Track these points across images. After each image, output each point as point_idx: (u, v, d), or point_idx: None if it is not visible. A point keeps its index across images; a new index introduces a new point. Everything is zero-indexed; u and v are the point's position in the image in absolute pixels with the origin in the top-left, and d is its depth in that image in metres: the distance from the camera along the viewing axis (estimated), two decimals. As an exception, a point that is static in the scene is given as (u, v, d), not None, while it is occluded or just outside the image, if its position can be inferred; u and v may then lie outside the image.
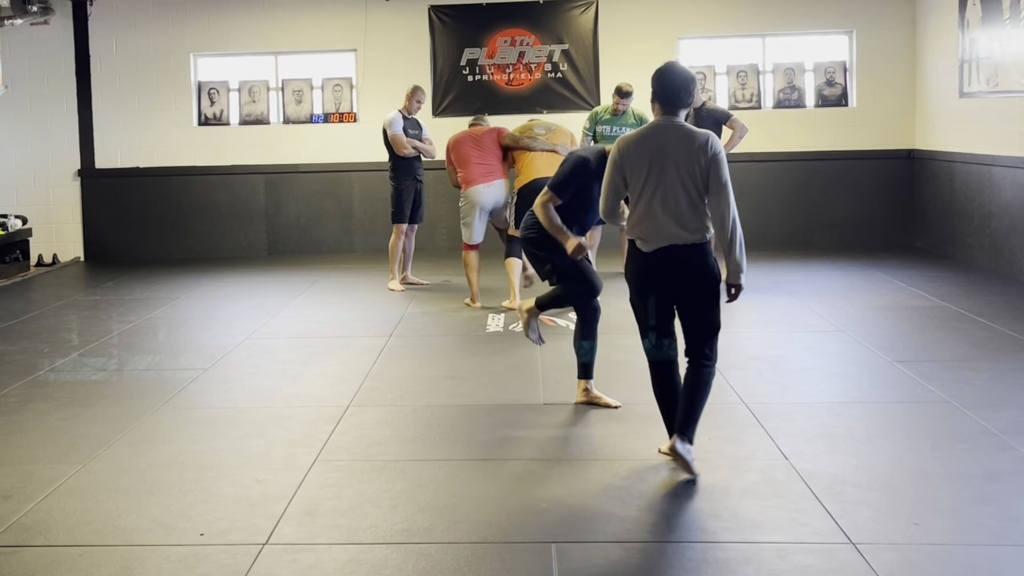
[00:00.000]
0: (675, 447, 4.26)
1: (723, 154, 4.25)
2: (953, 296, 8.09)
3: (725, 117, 9.17)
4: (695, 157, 4.23)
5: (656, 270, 4.33)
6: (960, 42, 9.84)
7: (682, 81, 4.33)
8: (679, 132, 4.30)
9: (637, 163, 4.34)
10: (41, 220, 11.54)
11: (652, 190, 4.29)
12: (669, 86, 4.33)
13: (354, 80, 11.61)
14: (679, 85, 4.32)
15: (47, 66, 11.56)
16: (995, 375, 5.77)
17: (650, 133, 4.35)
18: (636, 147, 4.35)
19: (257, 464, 4.57)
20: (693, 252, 4.28)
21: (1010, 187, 9.02)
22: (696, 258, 4.28)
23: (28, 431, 5.14)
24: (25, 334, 7.52)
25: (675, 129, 4.32)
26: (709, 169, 4.22)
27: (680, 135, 4.29)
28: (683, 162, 4.24)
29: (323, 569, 3.51)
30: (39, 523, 3.94)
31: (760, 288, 8.72)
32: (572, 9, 11.38)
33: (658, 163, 4.28)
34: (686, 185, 4.24)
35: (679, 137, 4.28)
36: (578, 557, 3.57)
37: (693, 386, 4.34)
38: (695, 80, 4.39)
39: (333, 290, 9.19)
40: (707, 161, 4.22)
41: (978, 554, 3.53)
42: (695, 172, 4.23)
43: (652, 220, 4.29)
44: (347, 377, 6.07)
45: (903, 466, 4.39)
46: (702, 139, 4.26)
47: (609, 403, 5.27)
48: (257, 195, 11.63)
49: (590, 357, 5.33)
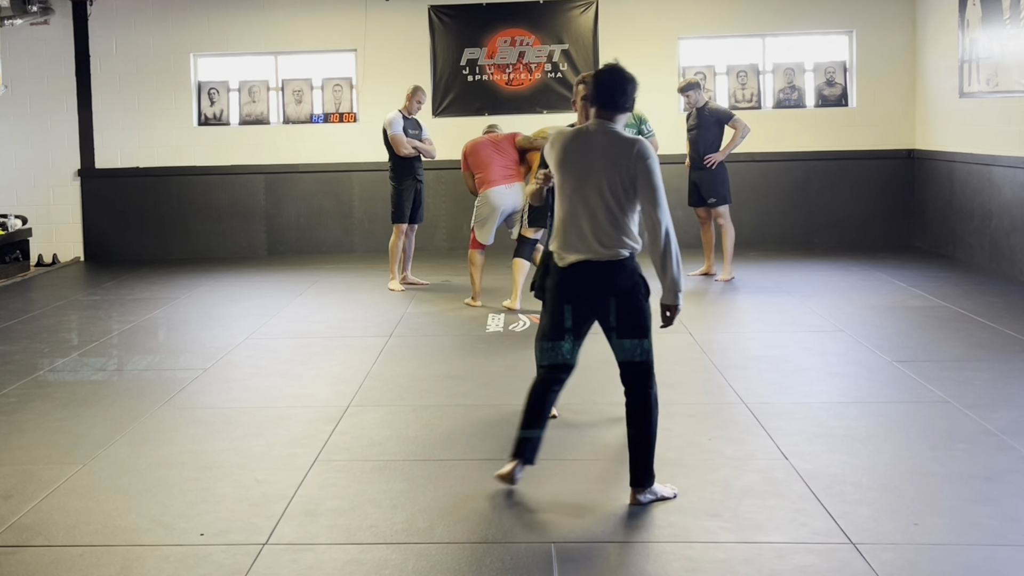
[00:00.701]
0: (637, 499, 3.98)
1: (654, 162, 3.90)
2: (953, 296, 8.09)
3: (727, 117, 9.18)
4: (622, 165, 3.90)
5: (569, 288, 4.02)
6: (960, 42, 9.84)
7: (617, 82, 3.99)
8: (609, 137, 3.97)
9: (562, 163, 4.05)
10: (41, 220, 11.54)
11: (569, 197, 4.00)
12: (601, 86, 4.02)
13: (354, 80, 11.61)
14: (613, 85, 3.99)
15: (47, 66, 11.56)
16: (995, 375, 5.77)
17: (579, 135, 4.04)
18: (564, 146, 4.06)
19: (257, 464, 4.57)
20: (609, 270, 3.95)
21: (1010, 187, 9.02)
22: (613, 277, 3.95)
23: (28, 431, 5.14)
24: (25, 334, 7.52)
25: (605, 134, 3.98)
26: (638, 178, 3.88)
27: (609, 140, 3.96)
28: (607, 169, 3.92)
29: (323, 569, 3.51)
30: (39, 523, 3.94)
31: (760, 288, 8.72)
32: (572, 9, 11.38)
33: (581, 168, 3.97)
34: (605, 195, 3.92)
35: (607, 143, 3.96)
36: (578, 557, 3.57)
37: (634, 418, 4.04)
38: (635, 82, 4.03)
39: (333, 290, 9.19)
40: (636, 169, 3.88)
41: (978, 554, 3.53)
42: (620, 182, 3.90)
43: (565, 230, 4.01)
44: (347, 377, 6.07)
45: (903, 466, 4.39)
46: (632, 146, 3.92)
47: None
48: (257, 195, 11.63)
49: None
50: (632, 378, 4.06)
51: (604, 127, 4.02)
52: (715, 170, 9.17)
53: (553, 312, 4.10)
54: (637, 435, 4.03)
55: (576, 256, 3.98)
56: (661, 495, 4.04)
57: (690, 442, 4.76)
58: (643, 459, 4.02)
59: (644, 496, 4.01)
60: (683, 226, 10.92)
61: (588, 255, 3.96)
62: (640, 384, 4.05)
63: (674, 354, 6.49)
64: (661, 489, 4.06)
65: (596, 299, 4.02)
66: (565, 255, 4.02)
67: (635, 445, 4.04)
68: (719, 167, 9.19)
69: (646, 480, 4.02)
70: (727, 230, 9.17)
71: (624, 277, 3.97)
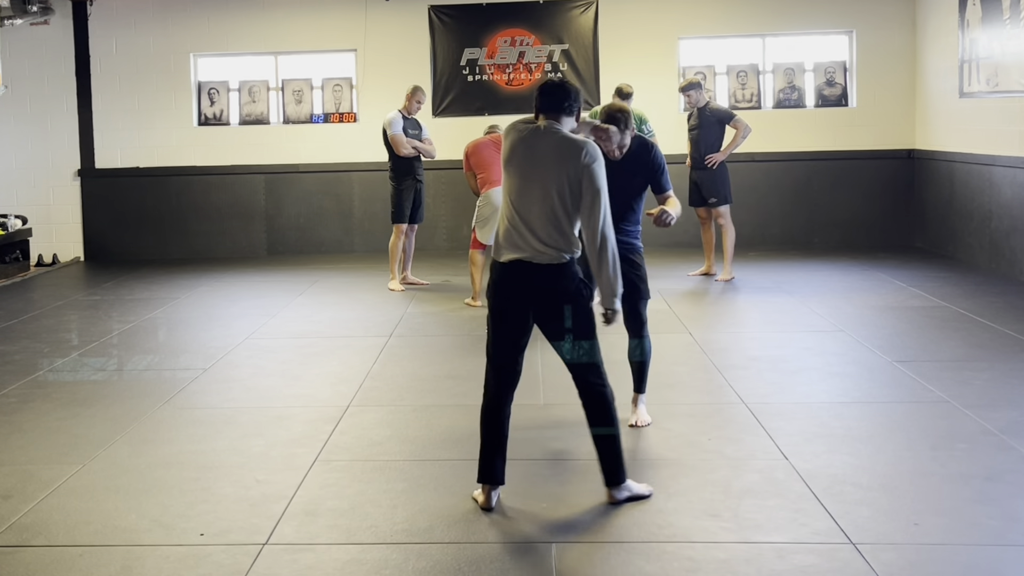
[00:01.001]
0: (614, 497, 4.00)
1: (599, 164, 3.89)
2: (953, 296, 8.08)
3: (728, 117, 9.18)
4: (567, 165, 3.88)
5: (509, 286, 3.99)
6: (960, 42, 9.84)
7: (559, 87, 4.04)
8: (556, 138, 3.96)
9: (510, 159, 4.03)
10: (41, 220, 11.54)
11: (514, 192, 3.98)
12: (544, 92, 4.04)
13: (354, 80, 11.61)
14: (555, 89, 4.03)
15: (47, 66, 11.56)
16: (995, 375, 5.77)
17: (531, 133, 4.01)
18: (513, 142, 4.04)
19: (257, 464, 4.57)
20: (548, 273, 3.91)
21: (1010, 187, 9.02)
22: (554, 281, 3.93)
23: (28, 431, 5.14)
24: (25, 334, 7.52)
25: (553, 135, 3.97)
26: (582, 179, 3.86)
27: (559, 141, 3.94)
28: (555, 170, 3.89)
29: (323, 569, 3.51)
30: (39, 523, 3.94)
31: (760, 288, 8.72)
32: (572, 9, 11.38)
33: (528, 166, 3.95)
34: (551, 196, 3.89)
35: (557, 144, 3.94)
36: (578, 557, 3.57)
37: (594, 418, 4.04)
38: (578, 92, 4.08)
39: (333, 290, 9.19)
40: (580, 170, 3.86)
41: (978, 554, 3.53)
42: (564, 182, 3.87)
43: (508, 228, 3.98)
44: (347, 377, 6.07)
45: (903, 466, 4.39)
46: (578, 147, 3.90)
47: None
48: (257, 195, 11.63)
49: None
50: (584, 380, 4.05)
51: (554, 128, 4.00)
52: (716, 170, 9.17)
53: (492, 313, 4.08)
54: (600, 435, 4.06)
55: (515, 255, 3.96)
56: (637, 493, 4.05)
57: (690, 442, 4.76)
58: (611, 457, 4.04)
59: (620, 493, 4.03)
60: (683, 226, 10.92)
61: (527, 255, 3.94)
62: (593, 384, 4.05)
63: (674, 354, 6.49)
64: (636, 487, 4.08)
65: (537, 303, 3.99)
66: (505, 252, 3.99)
67: (600, 445, 4.06)
68: (720, 167, 9.19)
69: (618, 477, 4.04)
70: (727, 230, 9.17)
71: (566, 281, 3.95)
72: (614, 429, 4.05)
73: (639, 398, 5.13)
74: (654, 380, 5.87)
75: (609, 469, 4.04)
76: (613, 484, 4.03)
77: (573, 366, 4.05)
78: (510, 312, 4.02)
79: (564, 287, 3.94)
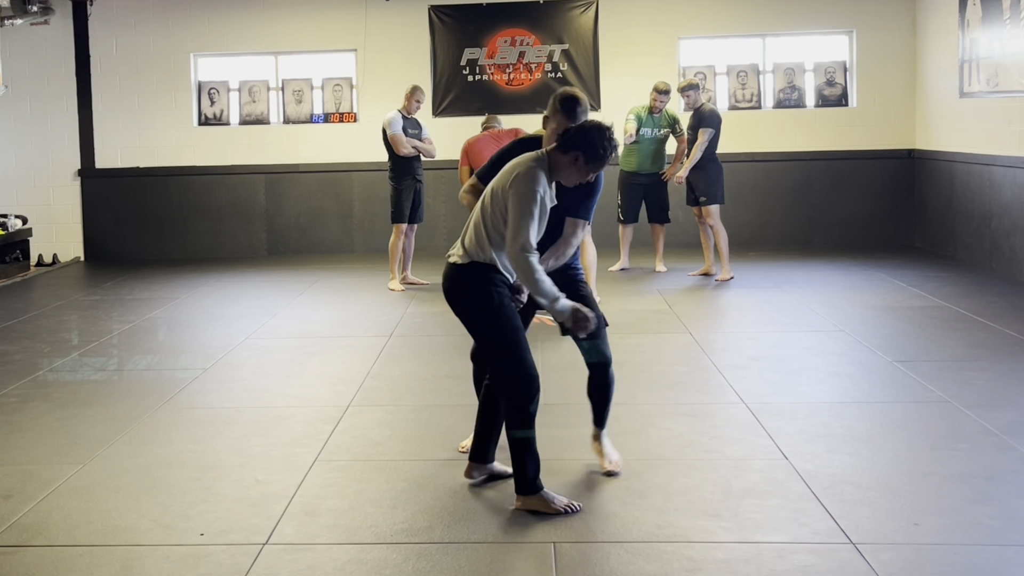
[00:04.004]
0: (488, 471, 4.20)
1: (525, 188, 3.84)
2: (953, 296, 8.08)
3: (697, 124, 9.15)
4: (505, 180, 3.93)
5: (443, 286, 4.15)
6: (960, 42, 9.84)
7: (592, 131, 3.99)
8: (524, 151, 4.11)
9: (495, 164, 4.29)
10: (41, 220, 11.54)
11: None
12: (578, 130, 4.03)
13: (354, 80, 11.61)
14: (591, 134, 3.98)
15: (47, 66, 11.56)
16: (995, 375, 5.77)
17: (522, 144, 4.28)
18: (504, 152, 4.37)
19: (257, 464, 4.57)
20: (451, 271, 4.02)
21: (1010, 187, 9.02)
22: (451, 278, 4.02)
23: (28, 431, 5.14)
24: (25, 334, 7.52)
25: (526, 147, 4.19)
26: (509, 199, 3.88)
27: (518, 158, 4.03)
28: (498, 182, 3.97)
29: (323, 569, 3.51)
30: (39, 523, 3.94)
31: (760, 288, 8.72)
32: (572, 9, 11.38)
33: (496, 172, 4.11)
34: (485, 204, 3.96)
35: (516, 160, 4.03)
36: (578, 557, 3.57)
37: (481, 408, 4.24)
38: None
39: (333, 290, 9.19)
40: (509, 191, 3.88)
41: (978, 554, 3.53)
42: (503, 197, 3.91)
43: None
44: (347, 377, 6.08)
45: (903, 466, 4.39)
46: (514, 168, 3.94)
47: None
48: (257, 195, 11.63)
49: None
50: (489, 371, 4.12)
51: (535, 141, 4.24)
52: (708, 169, 9.16)
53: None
54: (485, 424, 4.21)
55: (450, 255, 4.08)
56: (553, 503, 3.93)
57: (690, 442, 4.76)
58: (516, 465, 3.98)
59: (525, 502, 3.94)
60: (683, 226, 10.95)
61: (454, 257, 4.04)
62: (494, 378, 4.07)
63: (674, 354, 6.50)
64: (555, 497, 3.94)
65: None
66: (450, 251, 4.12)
67: (483, 426, 4.21)
68: (713, 166, 9.18)
69: (520, 486, 3.96)
70: (718, 231, 9.17)
71: (458, 283, 4.00)
72: (494, 425, 4.13)
73: (600, 433, 4.47)
74: (654, 380, 5.88)
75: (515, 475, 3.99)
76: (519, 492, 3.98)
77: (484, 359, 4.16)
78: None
79: (455, 284, 4.01)
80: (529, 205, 3.84)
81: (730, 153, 9.28)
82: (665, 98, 9.43)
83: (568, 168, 3.95)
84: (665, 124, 9.51)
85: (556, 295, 3.87)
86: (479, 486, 4.24)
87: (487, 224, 3.94)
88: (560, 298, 3.88)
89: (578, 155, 3.92)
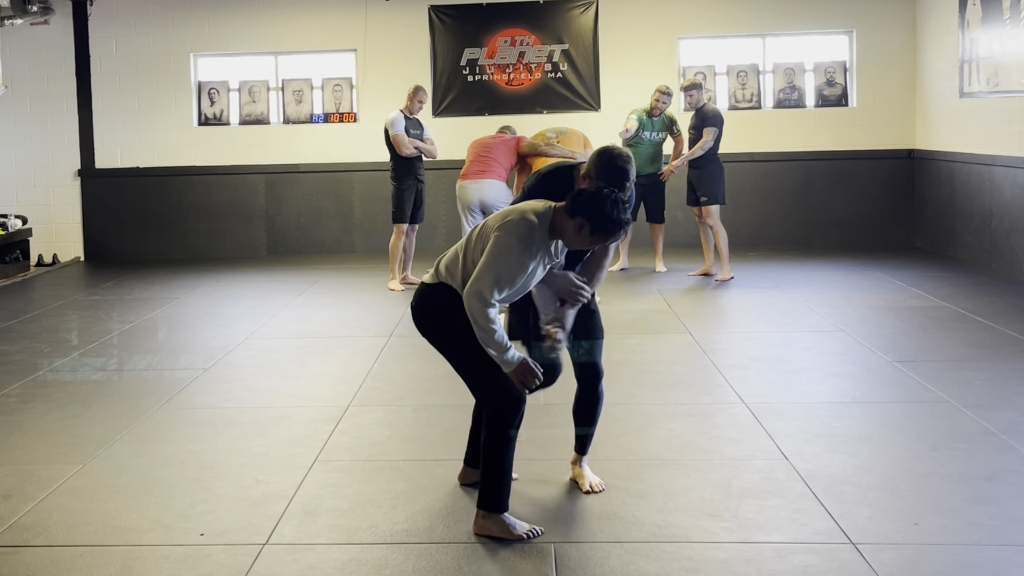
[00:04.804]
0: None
1: (505, 241, 3.61)
2: (953, 296, 8.08)
3: (701, 124, 9.18)
4: (498, 219, 3.72)
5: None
6: (960, 42, 9.84)
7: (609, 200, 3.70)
8: (557, 181, 4.11)
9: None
10: (41, 220, 11.54)
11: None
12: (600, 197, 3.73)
13: (354, 80, 11.61)
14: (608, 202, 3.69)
15: (47, 66, 11.56)
16: (995, 375, 5.77)
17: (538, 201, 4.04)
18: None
19: (257, 464, 4.57)
20: (420, 289, 3.89)
21: (1010, 187, 9.02)
22: (418, 296, 3.88)
23: (28, 431, 5.14)
24: (25, 334, 7.52)
25: (559, 178, 4.16)
26: (488, 239, 3.68)
27: (536, 198, 3.90)
28: (495, 217, 3.78)
29: (323, 569, 3.51)
30: (39, 523, 3.94)
31: (760, 288, 8.72)
32: (572, 9, 11.38)
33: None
34: (473, 236, 3.77)
35: (530, 202, 3.84)
36: (578, 557, 3.57)
37: (476, 412, 4.24)
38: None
39: (333, 290, 9.19)
40: (494, 231, 3.67)
41: (978, 554, 3.53)
42: (486, 232, 3.72)
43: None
44: (347, 377, 6.08)
45: (903, 466, 4.39)
46: (518, 212, 3.71)
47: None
48: (257, 195, 11.63)
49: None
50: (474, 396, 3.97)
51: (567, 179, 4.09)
52: (709, 169, 9.17)
53: None
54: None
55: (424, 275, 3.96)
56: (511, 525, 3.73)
57: (690, 442, 4.76)
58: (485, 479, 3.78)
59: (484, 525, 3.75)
60: (683, 226, 10.95)
61: (427, 276, 3.91)
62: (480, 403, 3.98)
63: (674, 354, 6.50)
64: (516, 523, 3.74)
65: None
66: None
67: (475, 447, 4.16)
68: (715, 166, 9.18)
69: (483, 503, 3.76)
70: (718, 231, 9.17)
71: (417, 300, 3.88)
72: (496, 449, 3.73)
73: (581, 460, 4.31)
74: (654, 380, 5.88)
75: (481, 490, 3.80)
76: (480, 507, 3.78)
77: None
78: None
79: (415, 306, 3.88)
80: (505, 258, 3.60)
81: (730, 153, 9.28)
82: (668, 99, 9.45)
83: (571, 233, 3.68)
84: (663, 127, 9.54)
85: (506, 346, 3.64)
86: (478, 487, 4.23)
87: (467, 256, 3.75)
88: (510, 348, 3.65)
89: (584, 223, 3.63)
